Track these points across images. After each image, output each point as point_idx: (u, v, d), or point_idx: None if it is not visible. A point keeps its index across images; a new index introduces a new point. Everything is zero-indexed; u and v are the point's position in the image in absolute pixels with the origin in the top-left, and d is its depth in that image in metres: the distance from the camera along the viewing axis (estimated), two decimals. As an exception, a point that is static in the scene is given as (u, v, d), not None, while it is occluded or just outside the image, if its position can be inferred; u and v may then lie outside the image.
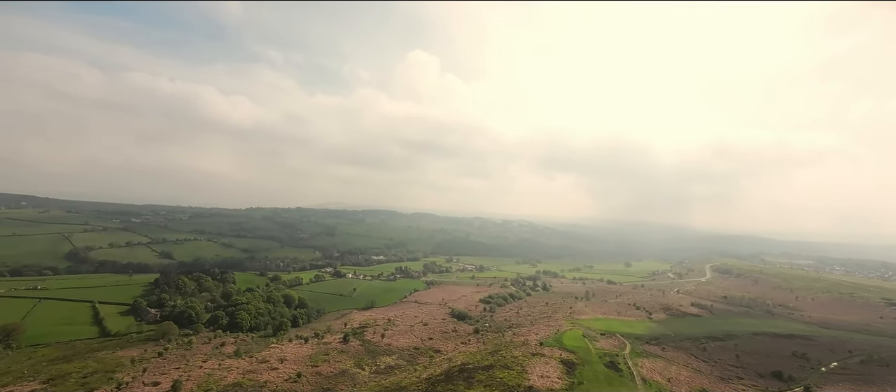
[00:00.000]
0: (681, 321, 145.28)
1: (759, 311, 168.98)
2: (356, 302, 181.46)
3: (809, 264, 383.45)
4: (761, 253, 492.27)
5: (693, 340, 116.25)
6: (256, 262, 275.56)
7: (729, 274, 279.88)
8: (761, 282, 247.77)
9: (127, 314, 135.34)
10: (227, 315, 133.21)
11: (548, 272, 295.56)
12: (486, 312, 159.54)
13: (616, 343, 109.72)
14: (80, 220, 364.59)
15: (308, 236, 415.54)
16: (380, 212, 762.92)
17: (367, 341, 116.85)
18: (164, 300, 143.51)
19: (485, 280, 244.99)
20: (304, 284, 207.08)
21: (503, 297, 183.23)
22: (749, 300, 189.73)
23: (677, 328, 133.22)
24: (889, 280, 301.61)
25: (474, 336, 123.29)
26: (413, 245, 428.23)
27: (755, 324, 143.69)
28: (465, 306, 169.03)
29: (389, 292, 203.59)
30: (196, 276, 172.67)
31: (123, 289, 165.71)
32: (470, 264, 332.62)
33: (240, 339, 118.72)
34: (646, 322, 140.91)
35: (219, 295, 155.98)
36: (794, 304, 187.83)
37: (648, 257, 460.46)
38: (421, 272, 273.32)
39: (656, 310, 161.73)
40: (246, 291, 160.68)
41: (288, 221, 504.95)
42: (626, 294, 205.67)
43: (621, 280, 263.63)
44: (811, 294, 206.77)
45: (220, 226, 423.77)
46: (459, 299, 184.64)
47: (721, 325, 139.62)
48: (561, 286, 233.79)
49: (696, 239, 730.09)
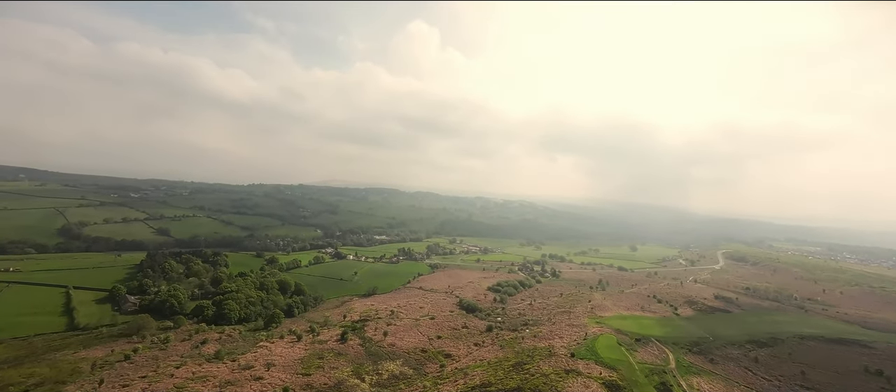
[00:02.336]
0: (711, 318, 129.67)
1: (789, 306, 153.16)
2: (357, 287, 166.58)
3: (818, 252, 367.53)
4: (767, 238, 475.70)
5: (737, 346, 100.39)
6: (255, 241, 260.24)
7: (744, 262, 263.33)
8: (780, 271, 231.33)
9: (104, 302, 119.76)
10: (215, 305, 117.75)
11: (554, 256, 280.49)
12: (497, 303, 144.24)
13: (657, 353, 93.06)
14: (77, 194, 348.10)
15: (310, 214, 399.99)
16: (382, 190, 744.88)
17: (368, 340, 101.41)
18: (147, 286, 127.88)
19: (491, 264, 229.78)
20: (303, 267, 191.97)
21: (513, 284, 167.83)
22: (774, 292, 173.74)
23: (711, 327, 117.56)
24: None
25: (488, 335, 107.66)
26: (416, 225, 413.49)
27: (794, 323, 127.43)
28: (473, 295, 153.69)
29: (392, 276, 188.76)
30: (185, 258, 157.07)
31: (106, 271, 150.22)
32: (473, 246, 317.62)
33: (225, 334, 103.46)
34: (674, 320, 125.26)
35: (208, 280, 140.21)
36: (822, 297, 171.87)
37: (652, 241, 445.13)
38: (424, 254, 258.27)
39: (680, 303, 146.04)
40: (238, 277, 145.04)
41: (290, 198, 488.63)
42: (640, 283, 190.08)
43: (631, 266, 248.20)
44: (837, 286, 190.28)
45: (220, 202, 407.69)
46: (466, 286, 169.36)
47: (756, 324, 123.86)
48: (570, 272, 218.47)
49: (696, 222, 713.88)
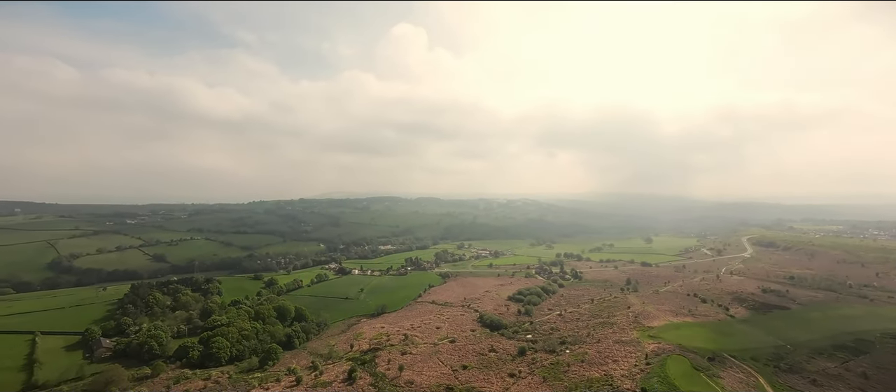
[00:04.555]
0: (771, 318, 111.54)
1: (848, 295, 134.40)
2: (364, 306, 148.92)
3: (843, 230, 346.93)
4: (783, 220, 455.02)
5: (826, 356, 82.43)
6: (255, 262, 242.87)
7: (774, 247, 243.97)
8: (819, 255, 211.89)
9: (75, 348, 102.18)
10: (201, 343, 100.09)
11: (569, 255, 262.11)
12: (522, 316, 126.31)
13: (744, 378, 73.08)
14: (72, 224, 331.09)
15: (312, 228, 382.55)
16: (384, 198, 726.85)
17: (381, 377, 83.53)
18: (126, 325, 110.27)
19: (505, 268, 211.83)
20: (305, 287, 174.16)
21: (535, 292, 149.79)
22: (824, 280, 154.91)
23: (778, 330, 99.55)
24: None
25: (523, 361, 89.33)
26: (420, 231, 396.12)
27: (867, 317, 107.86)
28: (493, 308, 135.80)
29: (401, 290, 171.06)
30: (173, 288, 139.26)
31: (85, 310, 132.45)
32: (483, 249, 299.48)
33: (212, 380, 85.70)
34: (732, 324, 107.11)
35: (197, 313, 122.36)
36: (881, 282, 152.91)
37: (663, 231, 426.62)
38: (433, 262, 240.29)
39: (728, 301, 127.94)
40: (231, 306, 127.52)
41: (291, 214, 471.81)
42: (672, 279, 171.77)
43: (654, 260, 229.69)
44: (890, 269, 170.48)
45: (220, 222, 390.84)
46: (484, 297, 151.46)
47: (825, 321, 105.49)
48: (591, 272, 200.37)
49: (703, 209, 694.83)
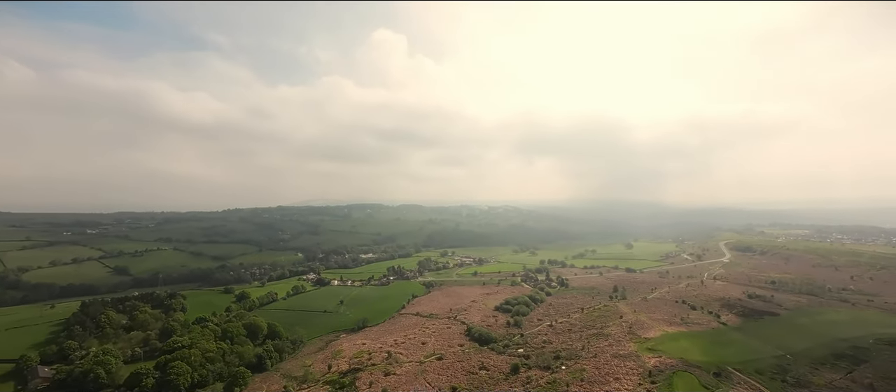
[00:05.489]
0: (763, 325, 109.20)
1: (829, 299, 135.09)
2: (344, 320, 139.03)
3: (809, 234, 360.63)
4: (752, 225, 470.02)
5: (829, 366, 79.43)
6: (227, 273, 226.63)
7: (751, 251, 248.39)
8: (794, 259, 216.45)
9: (6, 379, 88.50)
10: (158, 368, 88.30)
11: (553, 261, 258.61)
12: (512, 327, 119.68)
13: None
14: (22, 234, 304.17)
15: (289, 237, 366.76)
16: (365, 205, 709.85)
17: (362, 402, 74.83)
18: (70, 349, 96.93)
19: (490, 276, 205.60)
20: (280, 300, 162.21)
21: (523, 301, 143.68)
22: (803, 284, 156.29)
23: (772, 338, 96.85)
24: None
25: (516, 380, 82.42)
26: (403, 239, 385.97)
27: (853, 322, 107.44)
28: (481, 319, 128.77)
29: (383, 302, 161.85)
30: (130, 305, 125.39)
31: (27, 331, 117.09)
32: (467, 257, 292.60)
33: (168, 413, 74.76)
34: (727, 333, 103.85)
35: (156, 333, 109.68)
36: (855, 285, 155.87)
37: (641, 237, 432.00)
38: (416, 271, 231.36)
39: (717, 308, 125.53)
40: (196, 324, 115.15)
41: (268, 222, 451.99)
42: (657, 285, 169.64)
43: (637, 266, 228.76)
44: (861, 271, 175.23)
45: (191, 232, 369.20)
46: (470, 308, 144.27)
47: (815, 327, 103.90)
48: (577, 279, 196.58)
49: (675, 215, 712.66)
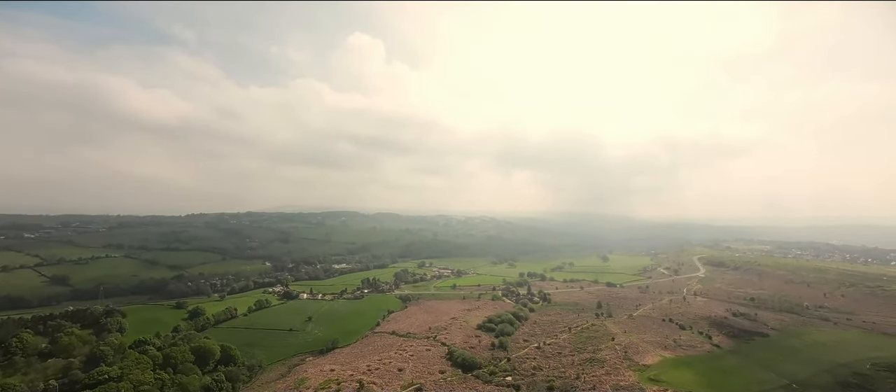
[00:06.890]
0: (754, 347, 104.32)
1: (810, 318, 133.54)
2: (311, 340, 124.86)
3: (772, 250, 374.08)
4: (719, 240, 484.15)
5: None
6: (185, 284, 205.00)
7: (724, 267, 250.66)
8: (766, 275, 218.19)
9: None
10: (76, 407, 71.80)
11: (533, 274, 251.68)
12: (497, 349, 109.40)
13: None
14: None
15: (258, 245, 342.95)
16: (340, 213, 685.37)
17: (327, 450, 61.91)
18: (-35, 383, 78.27)
19: (469, 290, 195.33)
20: (240, 316, 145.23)
21: (507, 319, 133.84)
22: (781, 301, 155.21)
23: (766, 361, 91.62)
24: (889, 265, 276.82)
25: (508, 417, 72.02)
26: (378, 248, 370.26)
27: (840, 343, 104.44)
28: (463, 339, 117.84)
29: (357, 318, 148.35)
30: (54, 324, 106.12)
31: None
32: (444, 268, 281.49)
33: (78, 469, 59.00)
34: (722, 356, 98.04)
35: (80, 360, 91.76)
36: (830, 303, 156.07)
37: (616, 250, 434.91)
38: (392, 283, 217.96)
39: (704, 327, 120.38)
40: (133, 348, 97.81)
41: (235, 228, 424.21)
42: (640, 301, 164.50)
43: (616, 280, 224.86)
44: (832, 289, 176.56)
45: (148, 237, 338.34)
46: (451, 325, 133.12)
47: (805, 350, 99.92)
48: (558, 294, 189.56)
49: (644, 229, 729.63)
